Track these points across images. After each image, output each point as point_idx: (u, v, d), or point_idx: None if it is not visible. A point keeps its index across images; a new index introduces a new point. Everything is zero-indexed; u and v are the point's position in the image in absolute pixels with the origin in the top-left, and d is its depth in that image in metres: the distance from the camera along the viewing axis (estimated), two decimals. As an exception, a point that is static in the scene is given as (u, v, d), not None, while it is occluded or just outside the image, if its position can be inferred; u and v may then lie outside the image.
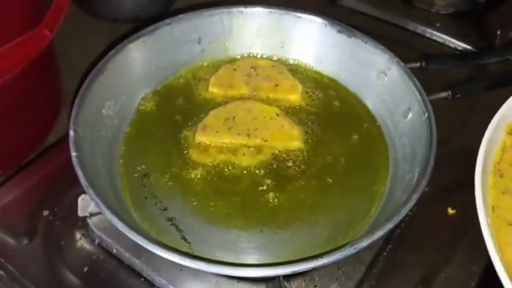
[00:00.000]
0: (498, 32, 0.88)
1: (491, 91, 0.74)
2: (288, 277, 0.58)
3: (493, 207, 0.56)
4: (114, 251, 0.61)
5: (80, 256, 0.62)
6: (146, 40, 0.71)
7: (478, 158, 0.55)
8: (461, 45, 0.91)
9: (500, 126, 0.59)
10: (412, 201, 0.54)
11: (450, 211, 0.67)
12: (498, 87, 0.70)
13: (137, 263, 0.60)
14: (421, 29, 0.94)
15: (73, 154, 0.56)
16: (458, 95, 0.67)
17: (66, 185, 0.67)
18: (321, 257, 0.49)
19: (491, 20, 0.91)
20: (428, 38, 0.94)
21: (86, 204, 0.62)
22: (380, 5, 0.97)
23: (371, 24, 0.95)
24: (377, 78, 0.72)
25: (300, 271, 0.50)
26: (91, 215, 0.63)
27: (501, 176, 0.59)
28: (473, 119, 0.77)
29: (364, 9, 0.98)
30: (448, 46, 0.92)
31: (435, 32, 0.93)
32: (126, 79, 0.70)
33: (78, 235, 0.63)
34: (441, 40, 0.93)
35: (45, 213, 0.66)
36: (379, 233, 0.51)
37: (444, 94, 0.67)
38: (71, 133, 0.58)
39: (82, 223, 0.64)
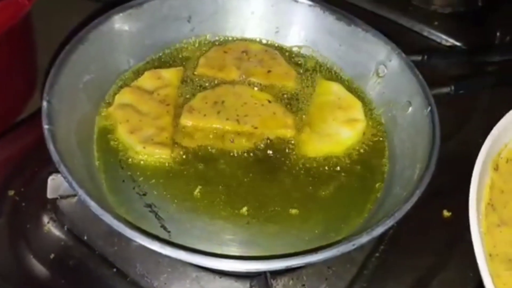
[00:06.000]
0: (498, 34, 0.86)
1: (491, 90, 0.71)
2: (274, 274, 0.54)
3: (490, 255, 0.54)
4: (85, 237, 0.57)
5: (47, 241, 0.57)
6: (132, 13, 0.67)
7: (470, 213, 0.52)
8: (458, 45, 0.88)
9: (486, 165, 0.58)
10: (415, 197, 0.51)
11: (446, 213, 0.64)
12: (502, 85, 0.67)
13: (110, 252, 0.56)
14: (418, 27, 0.91)
15: (45, 126, 0.51)
16: (461, 91, 0.64)
17: (36, 164, 0.62)
18: (316, 253, 0.45)
19: (490, 21, 0.89)
20: (425, 36, 0.90)
21: (56, 185, 0.57)
22: (377, 0, 0.94)
23: (367, 18, 0.91)
24: (376, 70, 0.68)
25: (292, 267, 0.46)
26: (62, 197, 0.58)
27: (494, 209, 0.58)
28: (471, 119, 0.74)
29: (360, 2, 0.94)
30: (445, 46, 0.89)
31: (432, 31, 0.90)
32: (109, 52, 0.65)
33: (45, 219, 0.59)
34: (438, 39, 0.90)
35: (11, 193, 0.60)
36: (379, 230, 0.48)
37: (446, 89, 0.65)
38: (44, 104, 0.53)
39: (51, 206, 0.59)
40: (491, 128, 0.64)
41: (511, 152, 0.62)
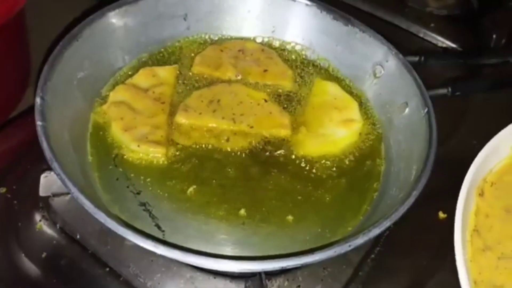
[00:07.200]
0: (494, 36, 0.86)
1: (487, 92, 0.71)
2: (269, 275, 0.54)
3: (475, 282, 0.54)
4: (78, 236, 0.56)
5: (39, 240, 0.56)
6: (127, 10, 0.66)
7: (455, 242, 0.53)
8: (454, 47, 0.88)
9: (470, 193, 0.58)
10: (411, 199, 0.50)
11: (441, 215, 0.64)
12: (499, 88, 0.67)
13: (102, 251, 0.55)
14: (414, 28, 0.91)
15: (38, 123, 0.50)
16: (458, 93, 0.64)
17: (28, 162, 0.61)
18: (312, 253, 0.44)
19: (486, 23, 0.88)
20: (421, 38, 0.90)
21: (49, 183, 0.56)
22: (373, 1, 0.94)
23: (363, 18, 0.91)
24: (373, 70, 0.68)
25: (287, 268, 0.45)
26: (54, 195, 0.57)
27: (479, 235, 0.58)
28: (467, 120, 0.74)
29: (356, 3, 0.94)
30: (441, 47, 0.89)
31: (428, 32, 0.90)
32: (103, 49, 0.64)
33: (38, 217, 0.58)
34: (434, 41, 0.90)
35: (2, 190, 0.60)
36: (376, 231, 0.47)
37: (443, 91, 0.64)
38: (38, 100, 0.52)
39: (44, 204, 0.58)
40: (487, 130, 0.64)
41: (496, 176, 0.62)
